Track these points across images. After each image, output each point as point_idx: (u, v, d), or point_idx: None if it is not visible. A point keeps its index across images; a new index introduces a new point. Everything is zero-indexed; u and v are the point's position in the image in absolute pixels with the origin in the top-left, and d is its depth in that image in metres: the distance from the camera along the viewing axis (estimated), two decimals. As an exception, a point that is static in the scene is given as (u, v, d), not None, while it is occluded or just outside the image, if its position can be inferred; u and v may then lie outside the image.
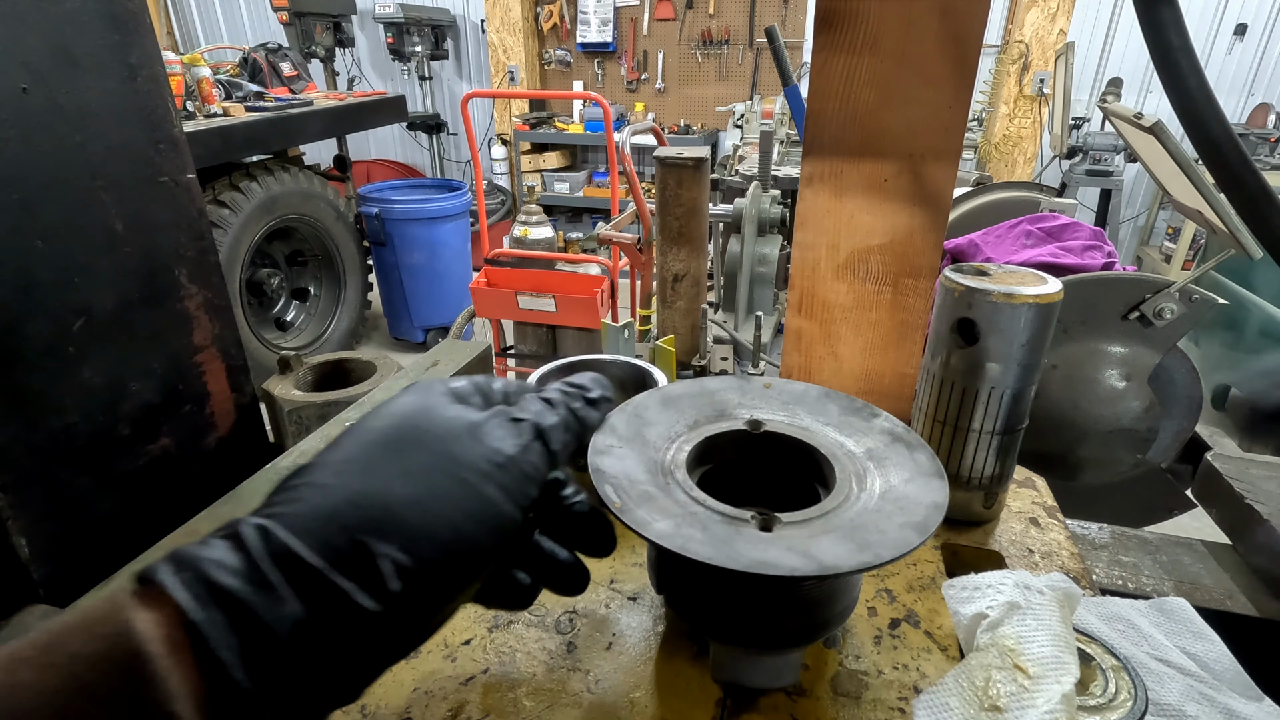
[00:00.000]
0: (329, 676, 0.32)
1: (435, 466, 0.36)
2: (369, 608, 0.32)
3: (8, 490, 0.61)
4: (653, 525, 0.43)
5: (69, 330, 0.65)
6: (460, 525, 0.36)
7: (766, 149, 2.42)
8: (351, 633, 0.32)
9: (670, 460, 0.51)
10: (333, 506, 0.34)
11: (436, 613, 0.37)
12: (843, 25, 0.76)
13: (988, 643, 0.47)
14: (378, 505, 0.34)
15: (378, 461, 0.36)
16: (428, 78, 6.25)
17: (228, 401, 0.83)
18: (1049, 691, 0.42)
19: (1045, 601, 0.48)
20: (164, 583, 0.30)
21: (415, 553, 0.34)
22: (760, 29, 5.72)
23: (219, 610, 0.30)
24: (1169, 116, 0.65)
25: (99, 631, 0.28)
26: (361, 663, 0.34)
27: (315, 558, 0.32)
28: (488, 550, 0.37)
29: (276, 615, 0.30)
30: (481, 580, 0.40)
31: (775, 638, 0.49)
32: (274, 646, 0.30)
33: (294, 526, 0.33)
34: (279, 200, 3.56)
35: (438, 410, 0.40)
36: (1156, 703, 0.50)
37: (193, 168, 0.77)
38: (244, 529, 0.33)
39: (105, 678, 0.27)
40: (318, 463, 0.37)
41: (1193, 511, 1.24)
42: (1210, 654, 0.56)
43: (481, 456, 0.37)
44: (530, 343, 3.03)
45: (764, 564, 0.40)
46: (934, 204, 0.81)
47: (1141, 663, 0.53)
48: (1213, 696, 0.51)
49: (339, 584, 0.32)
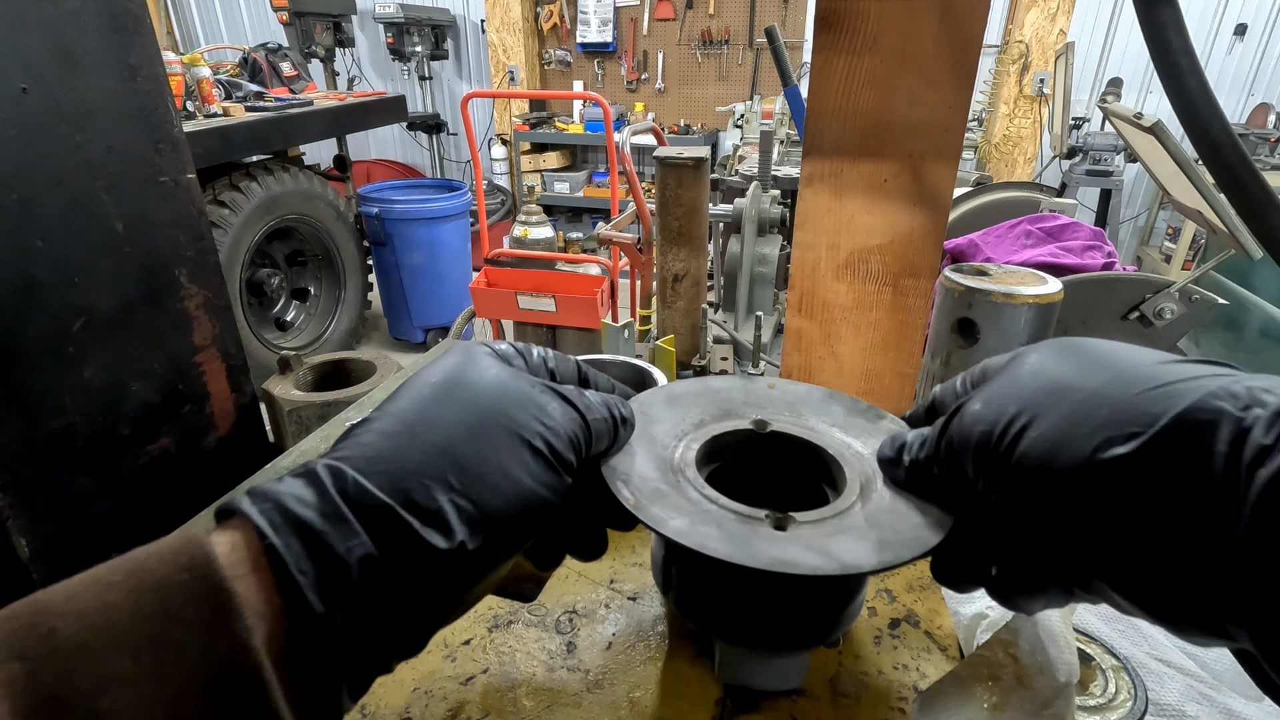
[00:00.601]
0: (396, 617, 0.33)
1: (492, 421, 0.38)
2: (439, 546, 0.33)
3: (8, 490, 0.61)
4: (669, 522, 0.42)
5: (69, 330, 0.65)
6: (519, 479, 0.37)
7: (766, 149, 2.42)
8: (419, 573, 0.33)
9: (679, 458, 0.51)
10: (399, 452, 0.35)
11: (498, 562, 0.38)
12: (843, 25, 0.76)
13: (988, 643, 0.47)
14: (442, 454, 0.36)
15: (437, 413, 0.38)
16: (428, 78, 6.25)
17: (228, 401, 0.83)
18: (1049, 691, 0.42)
19: None
20: (244, 510, 0.31)
21: (478, 499, 0.35)
22: (760, 29, 5.72)
23: (296, 538, 0.31)
24: (1169, 116, 0.65)
25: (181, 562, 0.29)
26: (427, 607, 0.35)
27: (384, 498, 0.33)
28: (543, 506, 0.38)
29: (350, 547, 0.31)
30: (536, 537, 0.41)
31: (786, 638, 0.49)
32: (347, 579, 0.31)
33: (363, 468, 0.34)
34: (279, 200, 3.56)
35: (488, 370, 0.41)
36: (1156, 703, 0.50)
37: (193, 168, 0.77)
38: (318, 467, 0.34)
39: (190, 605, 0.28)
40: (379, 414, 0.38)
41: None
42: (1210, 654, 0.56)
43: (534, 417, 0.39)
44: (530, 343, 3.03)
45: (785, 563, 0.40)
46: (934, 204, 0.81)
47: (1141, 663, 0.53)
48: (1212, 696, 0.51)
49: (409, 522, 0.33)
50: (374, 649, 0.33)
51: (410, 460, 0.35)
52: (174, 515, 0.65)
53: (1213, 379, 0.31)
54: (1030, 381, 0.37)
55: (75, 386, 0.66)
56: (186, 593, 0.28)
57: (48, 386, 0.64)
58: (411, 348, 4.56)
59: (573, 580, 0.65)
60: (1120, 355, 0.35)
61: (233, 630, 0.28)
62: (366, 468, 0.34)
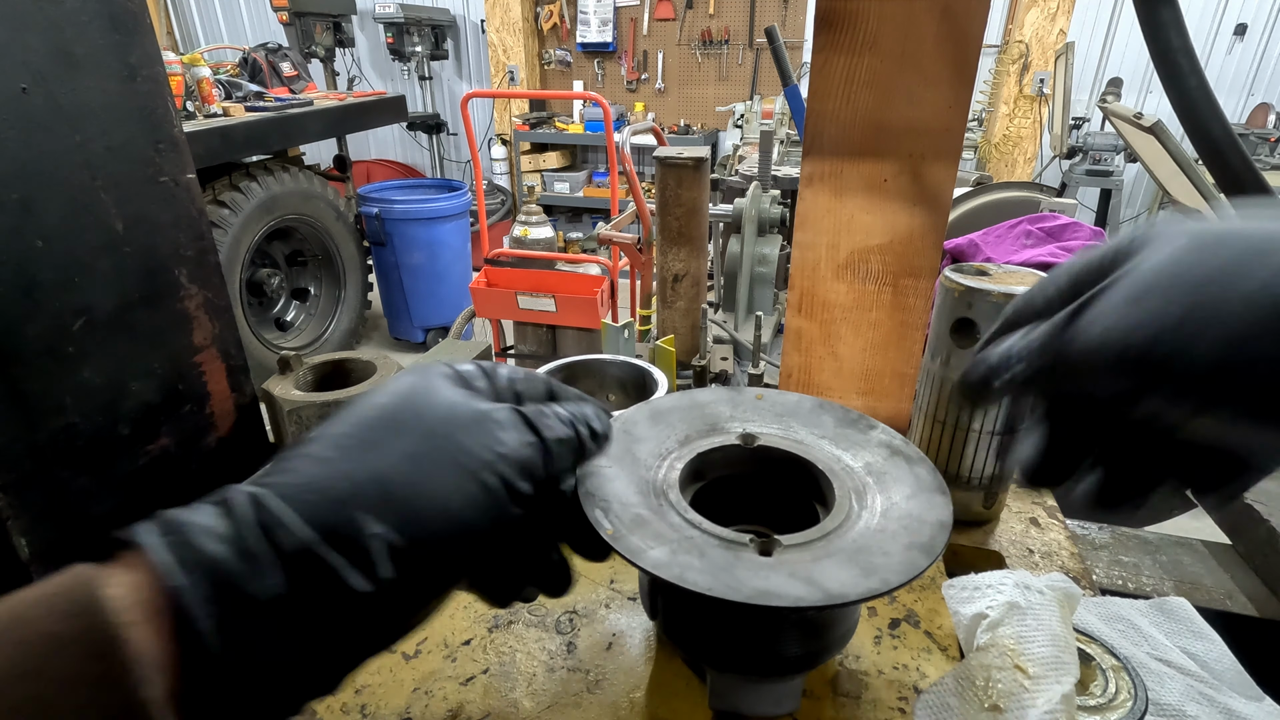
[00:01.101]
0: (309, 659, 0.31)
1: (436, 449, 0.35)
2: (358, 587, 0.31)
3: (8, 490, 0.61)
4: (647, 554, 0.41)
5: (69, 330, 0.65)
6: (457, 511, 0.35)
7: (766, 149, 2.42)
8: (337, 612, 0.31)
9: (662, 479, 0.50)
10: (328, 480, 0.33)
11: (425, 602, 0.36)
12: (843, 25, 0.76)
13: (987, 643, 0.47)
14: (375, 482, 0.33)
15: (377, 439, 0.35)
16: (428, 78, 6.25)
17: (228, 401, 0.83)
18: (1049, 692, 0.42)
19: (1045, 602, 0.48)
20: (145, 545, 0.29)
21: (409, 534, 0.33)
22: (760, 29, 5.72)
23: (201, 576, 0.28)
24: (1169, 116, 0.65)
25: (64, 608, 0.26)
26: (344, 647, 0.33)
27: (306, 530, 0.31)
28: (482, 538, 0.36)
29: (260, 587, 0.29)
30: (471, 573, 0.39)
31: (776, 666, 0.47)
32: (255, 620, 0.29)
33: (286, 496, 0.32)
34: (279, 200, 3.56)
35: (441, 393, 0.39)
36: (1156, 703, 0.50)
37: (193, 168, 0.77)
38: (235, 495, 0.32)
39: (74, 661, 0.25)
40: (316, 436, 0.36)
41: (1193, 511, 1.24)
42: (1210, 654, 0.57)
43: (483, 445, 0.36)
44: (530, 343, 3.03)
45: (767, 594, 0.38)
46: (934, 204, 0.81)
47: (1141, 663, 0.53)
48: (1213, 696, 0.51)
49: (328, 559, 0.31)
50: (282, 692, 0.31)
51: (340, 488, 0.32)
52: (174, 515, 0.65)
53: None
54: (1191, 275, 0.30)
55: (75, 386, 0.66)
56: (71, 646, 0.25)
57: (48, 386, 0.64)
58: (411, 348, 4.56)
59: (573, 580, 0.65)
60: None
61: (125, 686, 0.25)
62: (292, 494, 0.32)
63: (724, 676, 0.49)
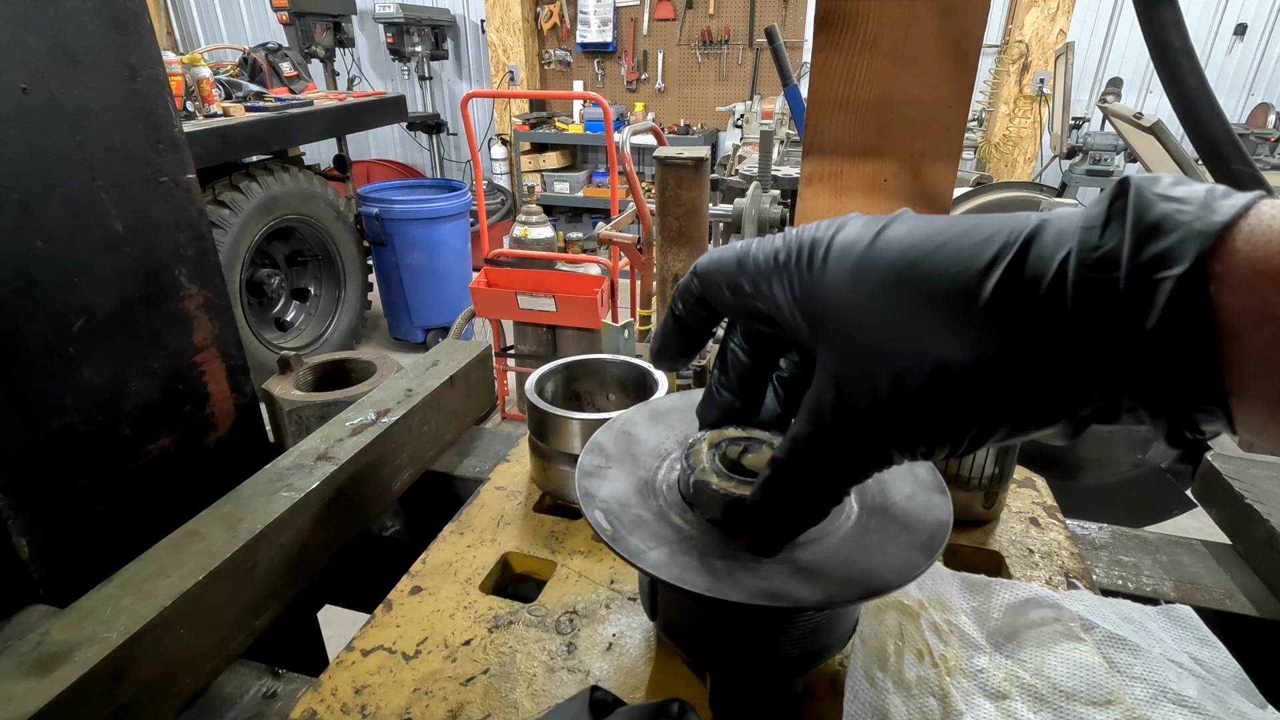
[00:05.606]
0: None
1: None
2: None
3: (8, 490, 0.61)
4: (646, 555, 0.41)
5: (69, 330, 0.65)
6: None
7: (766, 149, 2.42)
8: None
9: (662, 480, 0.50)
10: None
11: None
12: (843, 25, 0.76)
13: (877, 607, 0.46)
14: None
15: None
16: (428, 78, 6.26)
17: (228, 401, 0.83)
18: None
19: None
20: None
21: None
22: (760, 29, 5.72)
23: None
24: (1169, 116, 0.65)
25: None
26: None
27: None
28: None
29: None
30: None
31: (776, 666, 0.47)
32: None
33: None
34: (279, 200, 3.56)
35: None
36: (1180, 696, 0.50)
37: (193, 168, 0.77)
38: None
39: None
40: None
41: (1193, 511, 1.24)
42: (1216, 661, 0.56)
43: None
44: (530, 343, 3.04)
45: (767, 594, 0.38)
46: (934, 204, 0.81)
47: (1156, 657, 0.53)
48: (1225, 700, 0.51)
49: None
50: None
51: None
52: (174, 515, 0.65)
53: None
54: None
55: (75, 386, 0.66)
56: None
57: (48, 386, 0.64)
58: (411, 348, 4.56)
59: (573, 580, 0.65)
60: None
61: None
62: None
63: (724, 677, 0.49)
